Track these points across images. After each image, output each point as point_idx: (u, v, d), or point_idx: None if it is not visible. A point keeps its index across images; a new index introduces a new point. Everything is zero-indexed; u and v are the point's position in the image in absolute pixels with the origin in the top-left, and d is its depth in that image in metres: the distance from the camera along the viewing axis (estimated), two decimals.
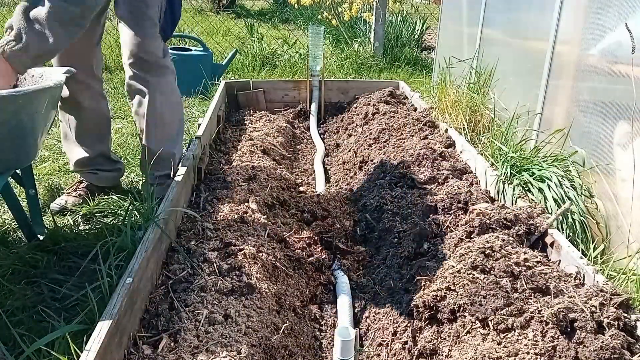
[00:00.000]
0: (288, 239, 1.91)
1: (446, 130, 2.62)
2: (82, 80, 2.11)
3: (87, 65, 2.12)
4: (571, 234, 1.74)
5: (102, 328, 1.12)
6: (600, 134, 1.88)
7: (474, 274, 1.43)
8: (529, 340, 1.19)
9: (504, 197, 1.96)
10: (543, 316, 1.23)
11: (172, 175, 1.99)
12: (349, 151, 2.90)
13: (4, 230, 2.04)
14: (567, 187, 1.86)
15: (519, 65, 2.67)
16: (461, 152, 2.40)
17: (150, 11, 2.00)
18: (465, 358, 1.22)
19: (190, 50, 4.31)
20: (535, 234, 1.65)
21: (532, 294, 1.35)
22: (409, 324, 1.45)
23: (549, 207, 1.80)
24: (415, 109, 3.16)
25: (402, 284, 1.66)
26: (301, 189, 2.47)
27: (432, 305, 1.41)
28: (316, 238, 1.97)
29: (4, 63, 1.52)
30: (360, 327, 1.61)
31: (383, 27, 5.29)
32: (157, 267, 1.51)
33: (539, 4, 2.45)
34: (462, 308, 1.35)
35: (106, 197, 2.27)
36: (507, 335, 1.24)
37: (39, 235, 1.91)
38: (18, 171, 1.81)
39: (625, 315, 1.24)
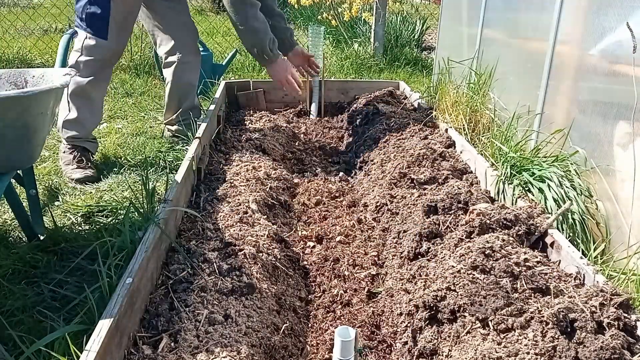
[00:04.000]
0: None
1: (446, 131, 2.62)
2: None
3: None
4: (571, 234, 1.74)
5: (102, 328, 1.12)
6: (600, 134, 1.88)
7: (474, 274, 1.43)
8: (529, 340, 1.19)
9: (504, 197, 1.95)
10: (543, 316, 1.23)
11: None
12: None
13: (4, 230, 2.04)
14: (567, 187, 1.85)
15: (519, 65, 2.67)
16: (461, 152, 2.40)
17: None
18: (466, 358, 1.22)
19: None
20: (536, 234, 1.65)
21: (532, 294, 1.35)
22: (409, 324, 1.45)
23: (549, 207, 1.80)
24: (415, 109, 3.16)
25: (402, 283, 1.65)
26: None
27: (432, 305, 1.41)
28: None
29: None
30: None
31: (383, 27, 5.28)
32: (157, 267, 1.52)
33: (539, 4, 2.44)
34: (462, 308, 1.35)
35: (106, 197, 2.27)
36: (507, 335, 1.24)
37: (39, 235, 1.91)
38: (19, 171, 1.81)
39: (626, 315, 1.24)
